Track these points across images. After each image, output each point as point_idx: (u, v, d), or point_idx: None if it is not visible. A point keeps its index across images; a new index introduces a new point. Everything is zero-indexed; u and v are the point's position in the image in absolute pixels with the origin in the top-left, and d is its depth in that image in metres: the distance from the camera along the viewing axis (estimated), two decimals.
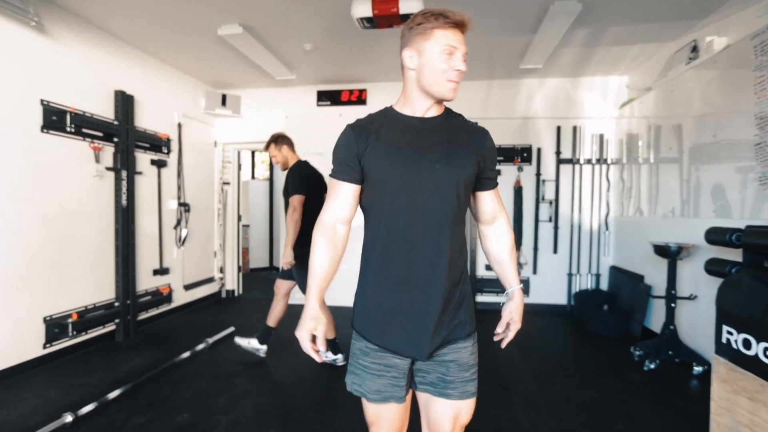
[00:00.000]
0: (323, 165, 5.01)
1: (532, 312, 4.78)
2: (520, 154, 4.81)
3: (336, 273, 1.19)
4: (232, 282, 5.51)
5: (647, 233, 3.82)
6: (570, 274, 4.77)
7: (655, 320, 3.70)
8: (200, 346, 3.40)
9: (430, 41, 1.10)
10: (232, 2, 3.08)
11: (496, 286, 4.87)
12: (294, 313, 4.54)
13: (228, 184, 5.51)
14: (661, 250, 3.11)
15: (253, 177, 8.31)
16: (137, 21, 3.40)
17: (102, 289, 3.56)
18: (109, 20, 3.41)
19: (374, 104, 5.03)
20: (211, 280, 5.25)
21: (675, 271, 3.08)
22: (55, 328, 3.15)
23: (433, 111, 1.19)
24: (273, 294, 3.12)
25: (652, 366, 3.04)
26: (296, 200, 2.96)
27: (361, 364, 1.19)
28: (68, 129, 3.24)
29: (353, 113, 5.23)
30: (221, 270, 5.42)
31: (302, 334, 1.10)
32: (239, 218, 5.69)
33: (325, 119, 5.10)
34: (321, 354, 1.13)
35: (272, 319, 3.11)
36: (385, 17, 2.95)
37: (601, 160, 4.69)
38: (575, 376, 3.02)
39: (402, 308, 1.14)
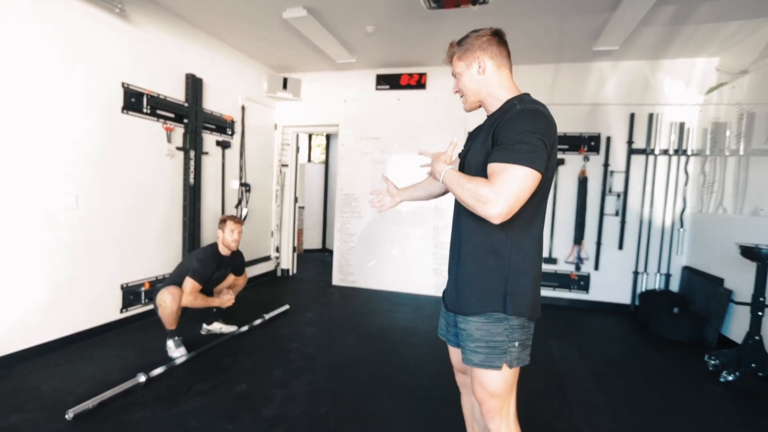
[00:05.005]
0: (379, 150, 5.05)
1: (591, 309, 4.55)
2: (587, 143, 4.52)
3: (417, 195, 1.71)
4: (287, 261, 5.69)
5: (731, 233, 3.47)
6: (636, 273, 4.46)
7: (735, 328, 3.37)
8: (257, 321, 3.55)
9: None
10: None
11: (551, 279, 4.66)
12: (344, 295, 4.63)
13: (286, 166, 5.66)
14: (748, 252, 2.80)
15: (309, 160, 8.48)
16: (208, 5, 3.51)
17: (170, 262, 3.80)
18: (183, 5, 3.55)
19: (434, 89, 4.92)
20: (267, 258, 5.45)
21: (765, 276, 2.77)
22: (130, 294, 3.42)
23: (489, 110, 1.36)
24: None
25: (731, 378, 2.78)
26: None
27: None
28: (145, 110, 3.45)
29: (412, 98, 5.19)
30: (277, 249, 5.61)
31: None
32: (296, 200, 5.84)
33: (383, 103, 5.07)
34: (380, 201, 1.74)
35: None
36: None
37: (679, 151, 4.30)
38: (639, 379, 2.84)
39: (449, 269, 1.45)
